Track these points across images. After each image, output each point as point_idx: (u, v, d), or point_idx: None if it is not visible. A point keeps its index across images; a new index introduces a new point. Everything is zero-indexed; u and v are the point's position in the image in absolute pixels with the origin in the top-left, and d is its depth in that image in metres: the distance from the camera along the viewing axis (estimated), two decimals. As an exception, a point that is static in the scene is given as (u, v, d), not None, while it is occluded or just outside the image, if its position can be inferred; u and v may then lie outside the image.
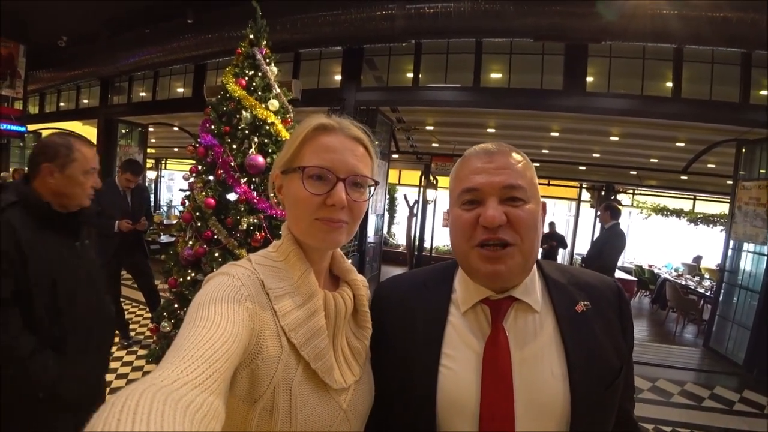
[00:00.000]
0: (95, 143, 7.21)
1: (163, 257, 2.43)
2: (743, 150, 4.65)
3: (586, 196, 10.36)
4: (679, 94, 4.25)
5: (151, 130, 8.84)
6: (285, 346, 0.56)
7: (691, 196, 9.90)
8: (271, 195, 0.69)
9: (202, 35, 5.34)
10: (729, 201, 5.03)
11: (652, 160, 7.51)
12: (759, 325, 4.11)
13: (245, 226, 2.13)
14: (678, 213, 9.92)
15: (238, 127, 2.24)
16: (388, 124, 6.09)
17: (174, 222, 6.54)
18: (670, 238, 10.41)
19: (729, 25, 3.50)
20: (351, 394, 0.63)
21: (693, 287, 6.66)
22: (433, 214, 9.40)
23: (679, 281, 6.93)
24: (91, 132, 8.34)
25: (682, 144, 6.09)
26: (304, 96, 3.57)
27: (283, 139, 2.28)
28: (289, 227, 0.65)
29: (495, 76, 4.89)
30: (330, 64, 5.53)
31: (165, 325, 2.22)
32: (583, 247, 9.17)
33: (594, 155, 7.73)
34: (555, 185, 9.97)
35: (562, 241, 7.76)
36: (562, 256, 9.01)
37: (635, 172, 8.64)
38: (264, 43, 2.40)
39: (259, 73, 2.34)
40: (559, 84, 4.52)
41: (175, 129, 8.84)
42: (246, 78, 2.31)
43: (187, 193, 2.44)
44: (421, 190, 8.73)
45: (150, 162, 11.95)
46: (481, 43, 4.72)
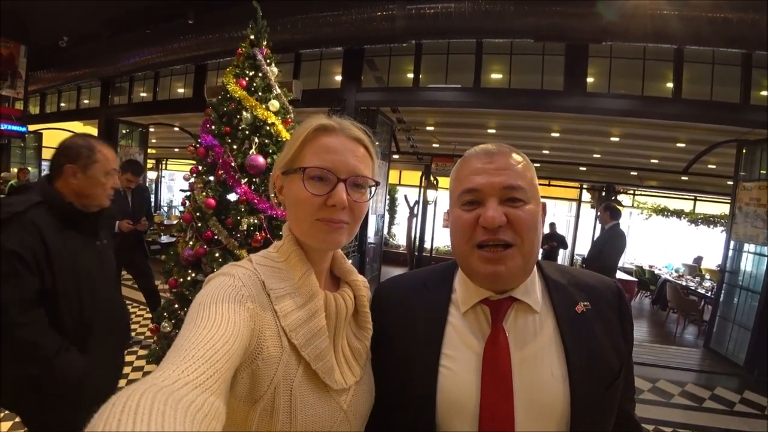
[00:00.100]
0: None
1: (163, 257, 2.42)
2: (744, 151, 4.64)
3: (586, 196, 10.35)
4: (680, 94, 4.24)
5: (151, 130, 8.87)
6: (286, 346, 0.56)
7: (692, 197, 9.89)
8: (272, 195, 0.69)
9: (202, 36, 5.35)
10: (729, 202, 5.02)
11: (652, 161, 7.50)
12: (759, 325, 4.10)
13: (246, 227, 2.13)
14: (678, 214, 9.90)
15: (239, 127, 2.24)
16: (389, 124, 6.09)
17: (174, 222, 6.55)
18: (671, 239, 10.40)
19: (729, 25, 3.50)
20: (351, 394, 0.63)
21: (693, 288, 6.66)
22: (434, 214, 9.38)
23: (679, 282, 6.92)
24: (91, 132, 8.32)
25: (682, 144, 6.08)
26: (305, 96, 3.57)
27: (284, 139, 2.28)
28: (290, 228, 0.65)
29: (495, 76, 4.89)
30: (330, 65, 5.54)
31: (165, 325, 2.21)
32: (583, 248, 9.16)
33: (594, 156, 7.73)
34: (555, 186, 9.95)
35: (562, 242, 7.77)
36: (563, 257, 9.00)
37: (636, 173, 8.64)
38: (264, 43, 2.40)
39: (260, 74, 2.34)
40: (560, 84, 4.52)
41: (175, 129, 8.85)
42: (246, 78, 2.31)
43: (187, 193, 2.44)
44: (422, 190, 8.73)
45: (150, 162, 11.95)
46: (481, 44, 4.73)
